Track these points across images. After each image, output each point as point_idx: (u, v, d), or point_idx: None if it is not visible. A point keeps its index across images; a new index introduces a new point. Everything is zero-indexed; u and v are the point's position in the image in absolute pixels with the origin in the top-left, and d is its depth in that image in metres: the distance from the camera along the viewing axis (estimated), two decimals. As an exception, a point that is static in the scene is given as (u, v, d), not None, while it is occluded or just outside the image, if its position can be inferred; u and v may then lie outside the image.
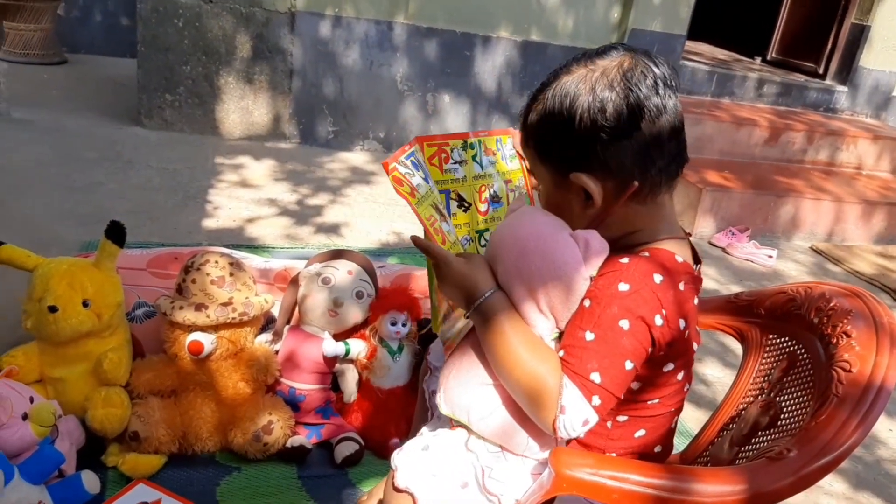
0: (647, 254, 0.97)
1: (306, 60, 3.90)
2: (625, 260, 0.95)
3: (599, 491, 0.90)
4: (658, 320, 0.92)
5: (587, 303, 0.94)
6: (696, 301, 1.00)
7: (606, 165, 0.95)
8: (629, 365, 0.91)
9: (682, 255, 1.00)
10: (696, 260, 1.05)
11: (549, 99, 0.96)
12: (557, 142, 0.96)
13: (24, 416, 1.44)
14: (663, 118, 0.94)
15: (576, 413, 0.90)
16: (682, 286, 0.96)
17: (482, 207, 1.22)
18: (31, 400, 1.49)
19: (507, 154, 1.26)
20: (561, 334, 0.99)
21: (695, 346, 1.02)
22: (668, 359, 0.98)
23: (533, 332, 0.97)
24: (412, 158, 1.12)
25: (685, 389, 1.05)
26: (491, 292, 0.98)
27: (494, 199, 1.23)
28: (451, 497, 1.05)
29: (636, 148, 0.94)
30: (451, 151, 1.15)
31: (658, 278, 0.93)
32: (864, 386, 0.95)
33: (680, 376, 1.02)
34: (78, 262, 1.63)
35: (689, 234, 1.05)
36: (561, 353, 0.94)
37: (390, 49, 4.02)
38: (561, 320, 0.98)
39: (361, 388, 1.83)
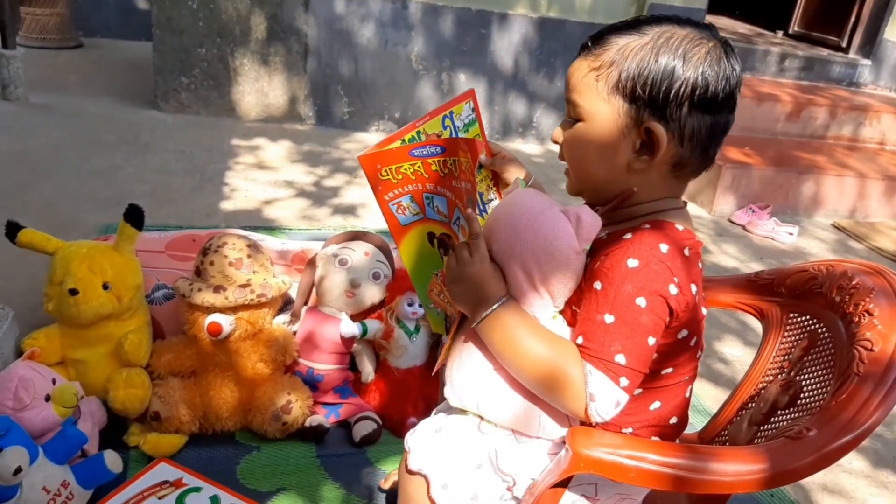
0: (647, 226, 0.96)
1: (321, 40, 3.89)
2: (628, 236, 0.94)
3: (617, 470, 0.90)
4: (673, 289, 0.92)
5: (598, 285, 0.93)
6: (700, 266, 1.00)
7: (681, 129, 0.94)
8: (651, 341, 0.92)
9: (682, 223, 0.99)
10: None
11: (654, 42, 0.93)
12: (651, 87, 0.93)
13: (47, 398, 1.47)
14: (735, 110, 0.97)
15: (606, 398, 0.90)
16: (687, 252, 0.95)
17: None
18: (54, 381, 1.51)
19: (458, 126, 1.17)
20: (560, 313, 0.99)
21: (703, 311, 1.02)
22: (682, 326, 0.97)
23: (541, 323, 0.96)
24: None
25: (697, 357, 1.05)
26: (504, 300, 0.96)
27: None
28: (465, 478, 1.05)
29: (712, 125, 0.95)
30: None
31: (664, 248, 0.93)
32: (886, 364, 0.94)
33: (693, 342, 1.01)
34: (97, 245, 1.65)
35: (685, 204, 1.04)
36: (579, 339, 0.93)
37: (405, 28, 3.99)
38: (557, 297, 0.97)
39: (379, 367, 1.84)
